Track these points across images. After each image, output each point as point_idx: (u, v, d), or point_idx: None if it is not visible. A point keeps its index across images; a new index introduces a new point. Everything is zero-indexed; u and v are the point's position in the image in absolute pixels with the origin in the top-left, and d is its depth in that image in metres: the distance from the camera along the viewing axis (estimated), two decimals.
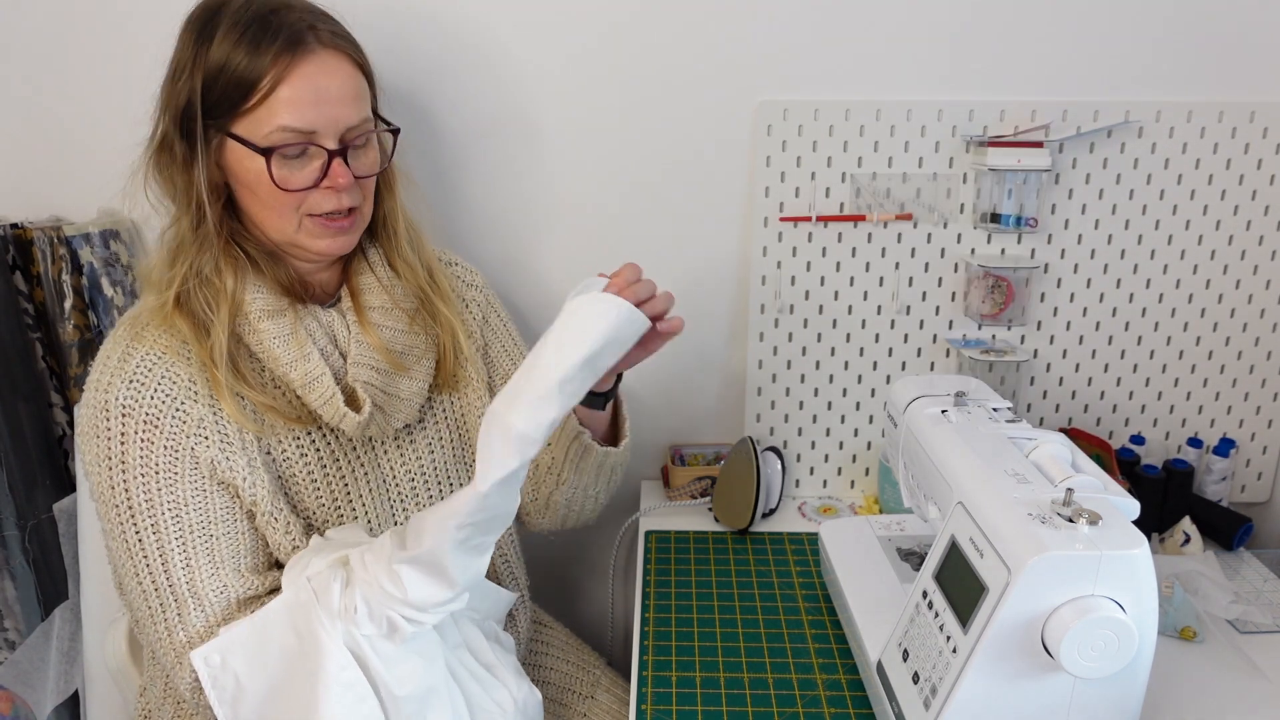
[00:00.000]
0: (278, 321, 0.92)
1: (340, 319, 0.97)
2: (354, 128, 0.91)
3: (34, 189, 1.27)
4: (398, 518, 1.03)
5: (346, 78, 0.90)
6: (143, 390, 0.86)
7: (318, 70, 0.87)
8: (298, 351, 0.92)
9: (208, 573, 0.88)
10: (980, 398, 1.01)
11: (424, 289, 1.03)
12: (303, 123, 0.87)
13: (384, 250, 1.02)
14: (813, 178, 1.26)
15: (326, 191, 0.90)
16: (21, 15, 1.19)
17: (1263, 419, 1.35)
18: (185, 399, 0.88)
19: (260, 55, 0.85)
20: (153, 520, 0.87)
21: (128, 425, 0.86)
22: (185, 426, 0.87)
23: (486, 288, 1.16)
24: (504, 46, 1.22)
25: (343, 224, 0.93)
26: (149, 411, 0.86)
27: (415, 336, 1.02)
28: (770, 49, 1.22)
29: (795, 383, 1.36)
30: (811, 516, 1.35)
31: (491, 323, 1.15)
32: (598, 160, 1.27)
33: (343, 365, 0.96)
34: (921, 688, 0.81)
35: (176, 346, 0.89)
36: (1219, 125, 1.22)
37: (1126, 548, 0.72)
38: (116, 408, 0.86)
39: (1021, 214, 1.25)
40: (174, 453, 0.87)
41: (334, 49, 0.89)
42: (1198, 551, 1.18)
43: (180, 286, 0.89)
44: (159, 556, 0.87)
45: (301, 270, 0.97)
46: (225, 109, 0.87)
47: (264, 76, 0.85)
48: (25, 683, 1.24)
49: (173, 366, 0.88)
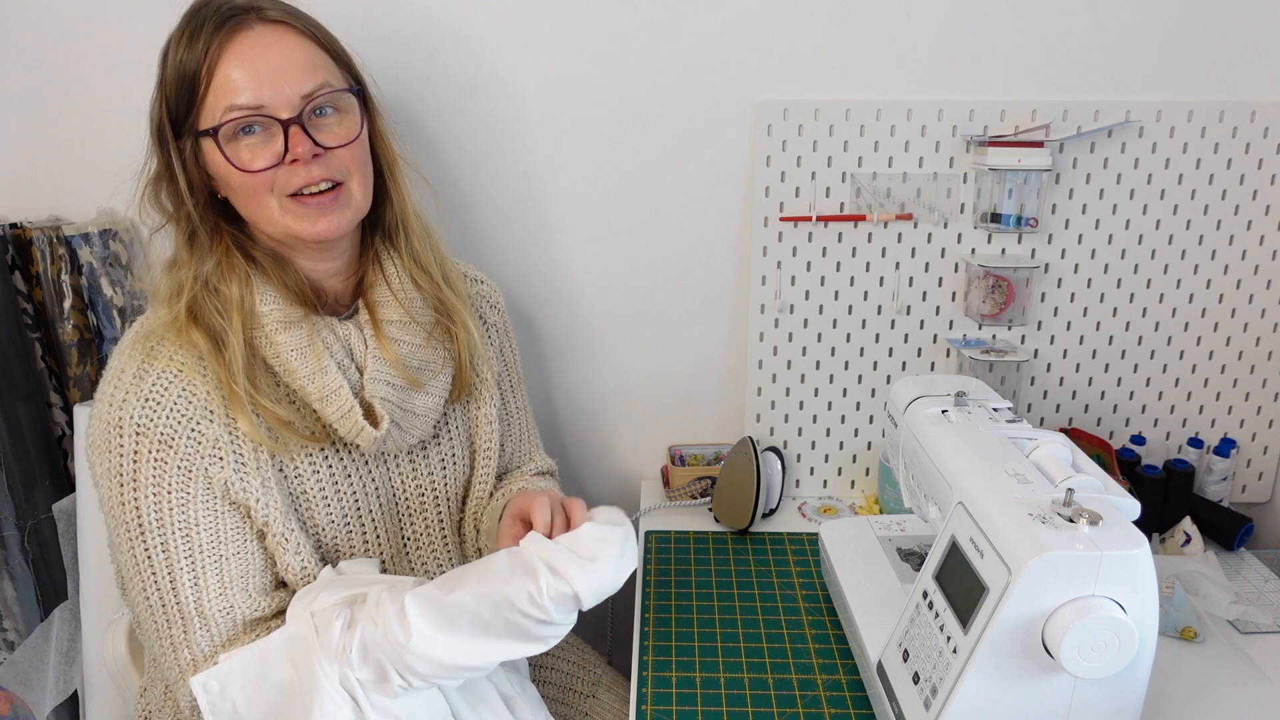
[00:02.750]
0: (294, 333, 0.90)
1: (357, 332, 0.96)
2: (308, 94, 0.87)
3: (33, 189, 1.26)
4: (405, 533, 1.03)
5: (290, 47, 0.88)
6: (158, 409, 0.85)
7: (254, 45, 0.86)
8: (315, 364, 0.90)
9: (215, 593, 0.88)
10: (980, 398, 1.01)
11: (441, 297, 1.01)
12: (245, 98, 0.85)
13: (398, 257, 0.99)
14: (813, 178, 1.26)
15: (293, 166, 0.87)
16: (21, 16, 1.19)
17: (1263, 419, 1.35)
18: (201, 419, 0.87)
19: (197, 46, 0.85)
20: (162, 539, 0.86)
21: (141, 444, 0.85)
22: (200, 447, 0.86)
23: (506, 313, 1.16)
24: (505, 48, 1.22)
25: (322, 200, 0.89)
26: (164, 431, 0.85)
27: (432, 351, 1.00)
28: (770, 49, 1.22)
29: (795, 383, 1.36)
30: (812, 517, 1.35)
31: (505, 356, 1.15)
32: (597, 160, 1.27)
33: (359, 380, 0.94)
34: (922, 688, 0.81)
35: (193, 363, 0.87)
36: (1220, 125, 1.22)
37: (1127, 548, 0.72)
38: (130, 425, 0.85)
39: (1022, 214, 1.24)
40: (187, 473, 0.86)
41: (275, 23, 0.88)
42: (1198, 552, 1.18)
43: (189, 295, 0.88)
44: (167, 575, 0.87)
45: (312, 275, 0.96)
46: (185, 110, 0.86)
47: (203, 64, 0.85)
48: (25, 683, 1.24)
49: (189, 385, 0.87)
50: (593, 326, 1.36)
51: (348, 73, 0.94)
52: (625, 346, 1.38)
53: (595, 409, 1.41)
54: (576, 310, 1.35)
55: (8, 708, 1.27)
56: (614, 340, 1.37)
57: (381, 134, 0.98)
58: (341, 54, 0.94)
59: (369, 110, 0.96)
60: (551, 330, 1.36)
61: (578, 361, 1.38)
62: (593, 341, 1.37)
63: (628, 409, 1.41)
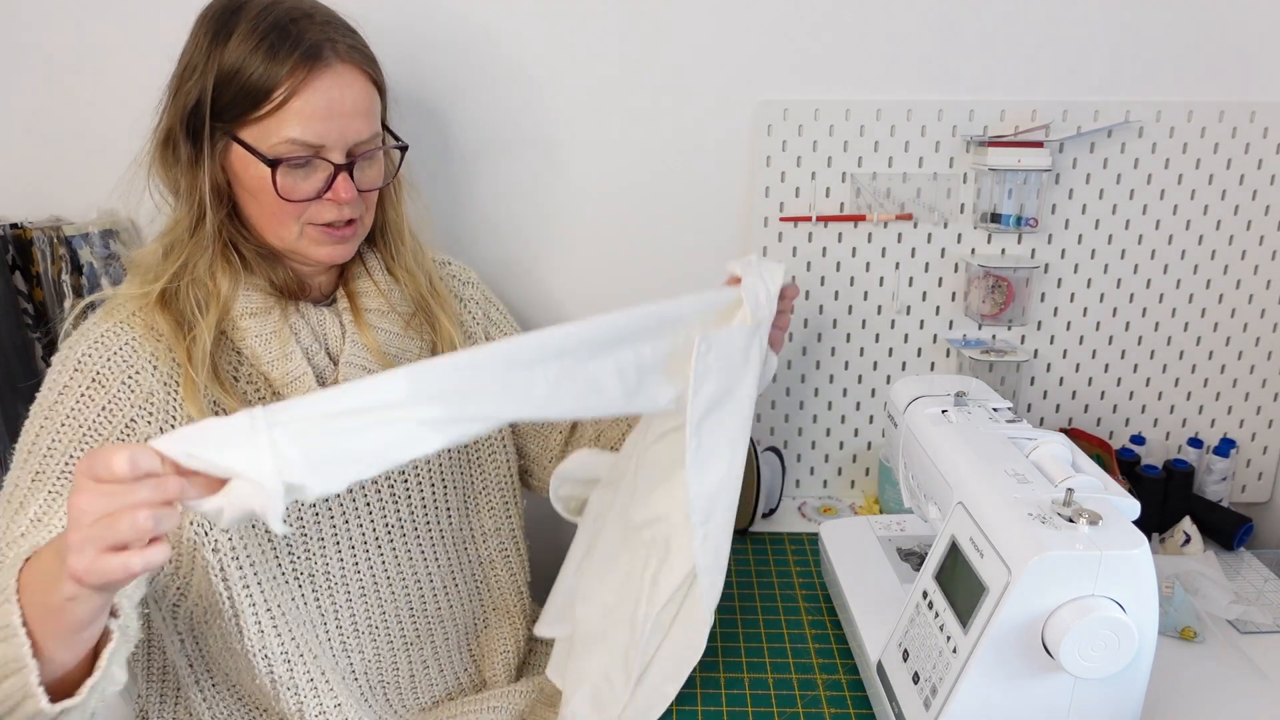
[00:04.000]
0: (261, 320, 0.91)
1: (334, 318, 0.97)
2: (363, 142, 0.91)
3: (34, 189, 1.26)
4: (389, 519, 1.02)
5: (359, 93, 0.90)
6: (103, 350, 0.86)
7: (332, 84, 0.87)
8: (279, 350, 0.91)
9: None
10: (980, 398, 1.01)
11: (424, 297, 1.03)
12: (312, 136, 0.86)
13: (383, 258, 1.02)
14: (813, 178, 1.26)
15: (329, 203, 0.90)
16: (21, 16, 1.19)
17: (1263, 419, 1.35)
18: (142, 369, 0.87)
19: (277, 64, 0.84)
20: (40, 466, 0.82)
21: (75, 379, 0.85)
22: (132, 395, 0.86)
23: (481, 284, 1.16)
24: (505, 49, 1.22)
25: (344, 233, 0.93)
26: (100, 370, 0.85)
27: (410, 340, 1.02)
28: (770, 49, 1.21)
29: (795, 383, 1.36)
30: (811, 516, 1.35)
31: (494, 317, 1.16)
32: (597, 160, 1.27)
33: (328, 365, 0.95)
34: (922, 688, 0.81)
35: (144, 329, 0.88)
36: (1219, 125, 1.22)
37: (1127, 548, 0.72)
38: (72, 362, 0.86)
39: (1022, 214, 1.25)
40: (109, 414, 0.85)
41: (350, 64, 0.89)
42: (1198, 552, 1.18)
43: (169, 283, 0.88)
44: (18, 498, 0.82)
45: (300, 273, 0.97)
46: (235, 114, 0.86)
47: (279, 87, 0.85)
48: None
49: (141, 340, 0.87)
50: None
51: (382, 108, 0.96)
52: None
53: None
54: (575, 312, 1.35)
55: None
56: None
57: (387, 152, 0.99)
58: (384, 89, 0.96)
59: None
60: None
61: None
62: None
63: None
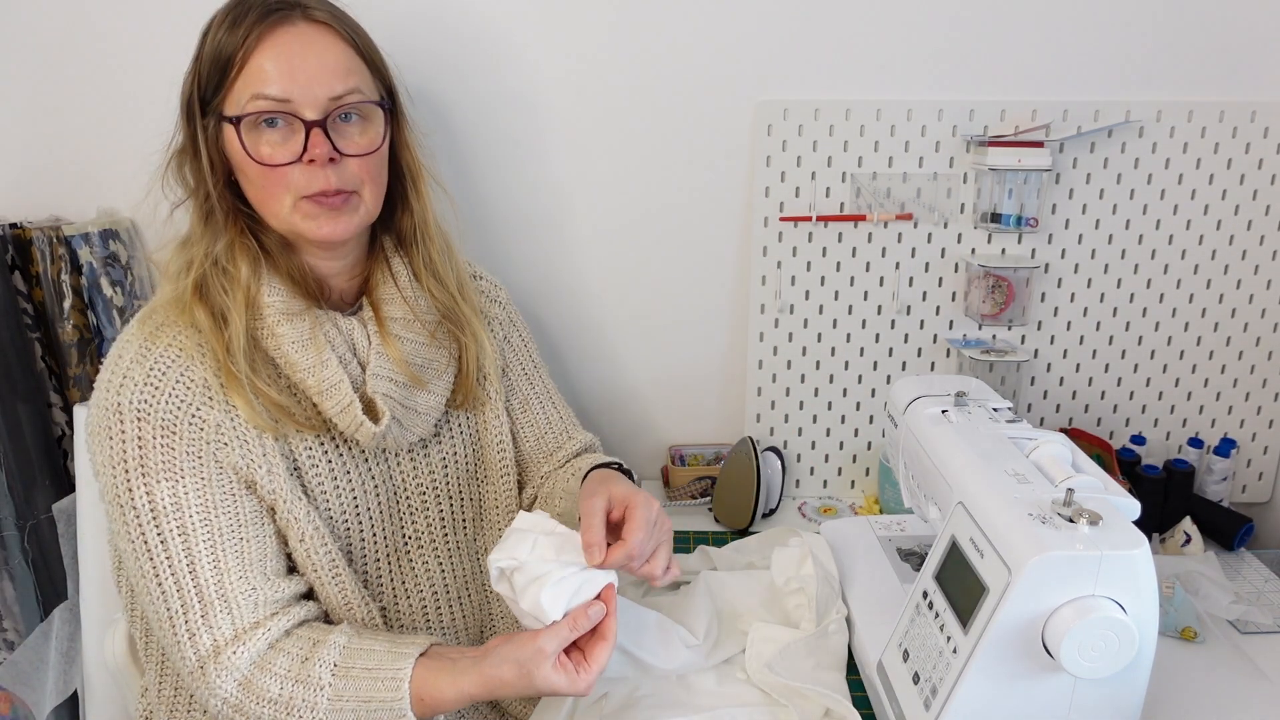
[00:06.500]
0: (296, 325, 0.90)
1: (361, 328, 0.96)
2: (336, 98, 0.88)
3: (33, 189, 1.26)
4: (406, 531, 1.03)
5: (327, 48, 0.89)
6: (157, 394, 0.85)
7: (294, 40, 0.87)
8: (315, 357, 0.90)
9: (237, 575, 0.87)
10: (980, 398, 1.01)
11: (453, 305, 1.01)
12: (275, 90, 0.85)
13: (410, 261, 1.00)
14: (813, 178, 1.26)
15: (310, 167, 0.87)
16: (21, 16, 1.19)
17: (1264, 419, 1.35)
18: (201, 404, 0.87)
19: (237, 29, 0.85)
20: (179, 523, 0.85)
21: (144, 430, 0.85)
22: (203, 432, 0.86)
23: (510, 304, 1.15)
24: (506, 50, 1.22)
25: (334, 202, 0.89)
26: (165, 417, 0.85)
27: (436, 350, 1.00)
28: (770, 49, 1.21)
29: (795, 383, 1.36)
30: (812, 516, 1.34)
31: (513, 343, 1.14)
32: (597, 160, 1.27)
33: (361, 374, 0.94)
34: (922, 688, 0.81)
35: (192, 348, 0.87)
36: (1220, 125, 1.22)
37: (1127, 548, 0.72)
38: (130, 411, 0.85)
39: (1022, 214, 1.24)
40: (197, 457, 0.86)
41: (318, 24, 0.89)
42: (1198, 552, 1.18)
43: (197, 271, 0.88)
44: (185, 559, 0.85)
45: (318, 270, 0.96)
46: (214, 91, 0.87)
47: (239, 49, 0.85)
48: (24, 683, 1.23)
49: (188, 370, 0.87)
50: (592, 327, 1.36)
51: (381, 82, 0.95)
52: (625, 346, 1.38)
53: (595, 409, 1.41)
54: (576, 311, 1.35)
55: (8, 708, 1.27)
56: (614, 340, 1.37)
57: (408, 145, 0.98)
58: (379, 63, 0.95)
59: (396, 122, 0.97)
60: (551, 330, 1.36)
61: (577, 361, 1.38)
62: (592, 341, 1.37)
63: (627, 409, 1.41)
